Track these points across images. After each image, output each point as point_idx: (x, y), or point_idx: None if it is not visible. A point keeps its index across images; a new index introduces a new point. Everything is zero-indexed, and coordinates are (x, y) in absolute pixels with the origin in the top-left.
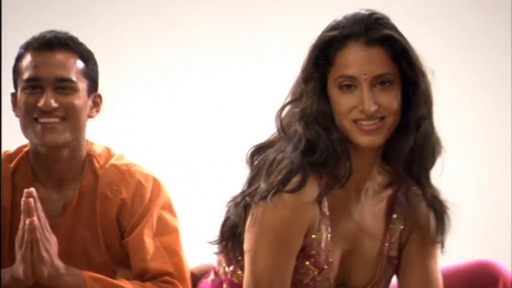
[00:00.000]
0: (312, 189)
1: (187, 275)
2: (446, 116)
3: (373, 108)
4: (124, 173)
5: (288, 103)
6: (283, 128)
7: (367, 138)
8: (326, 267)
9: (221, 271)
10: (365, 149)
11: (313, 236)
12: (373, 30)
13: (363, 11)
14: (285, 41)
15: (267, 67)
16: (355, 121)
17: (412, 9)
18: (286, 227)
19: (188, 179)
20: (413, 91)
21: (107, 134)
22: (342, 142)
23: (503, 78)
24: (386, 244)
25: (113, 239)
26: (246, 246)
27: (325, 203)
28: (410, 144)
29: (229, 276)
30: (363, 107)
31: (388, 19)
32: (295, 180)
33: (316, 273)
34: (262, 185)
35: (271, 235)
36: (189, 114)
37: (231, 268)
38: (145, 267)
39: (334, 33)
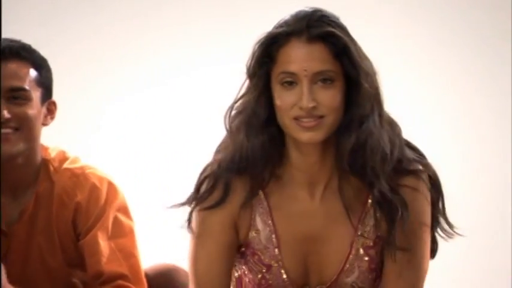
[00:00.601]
0: (235, 195)
1: (143, 278)
2: (445, 116)
3: (310, 104)
4: (78, 176)
5: (236, 101)
6: (231, 128)
7: (307, 135)
8: (276, 264)
9: None
10: (307, 146)
11: (251, 234)
12: (315, 27)
13: (307, 8)
14: None
15: None
16: (295, 118)
17: (410, 10)
18: (204, 231)
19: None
20: (356, 89)
21: (103, 133)
22: (271, 144)
23: (500, 78)
24: (359, 233)
25: (68, 242)
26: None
27: (264, 202)
28: (352, 142)
29: None
30: (301, 104)
31: (333, 17)
32: (214, 195)
33: (264, 270)
34: (190, 193)
35: (194, 239)
36: (187, 114)
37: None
38: (100, 269)
39: (279, 30)
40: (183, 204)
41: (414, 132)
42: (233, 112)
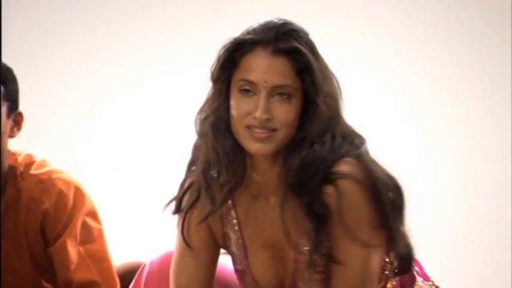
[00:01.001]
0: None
1: (116, 281)
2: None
3: (265, 116)
4: (45, 182)
5: (203, 107)
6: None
7: (257, 145)
8: (247, 270)
9: None
10: (258, 156)
11: (226, 241)
12: (282, 40)
13: (277, 20)
14: None
15: None
16: (248, 127)
17: (405, 9)
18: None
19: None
20: (312, 108)
21: (102, 133)
22: (237, 149)
23: (498, 78)
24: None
25: (37, 249)
26: None
27: (231, 210)
28: (298, 161)
29: None
30: (256, 114)
31: (302, 32)
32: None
33: (238, 275)
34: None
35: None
36: (188, 113)
37: None
38: (70, 277)
39: (246, 37)
40: (174, 213)
41: (412, 132)
42: (201, 117)
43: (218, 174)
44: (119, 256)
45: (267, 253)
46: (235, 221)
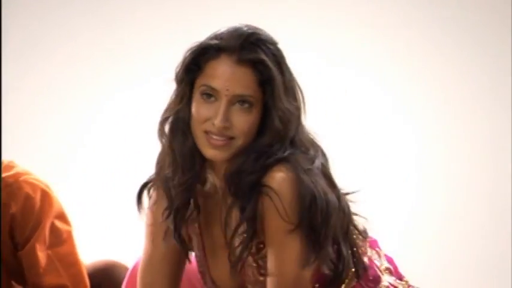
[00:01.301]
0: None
1: (86, 285)
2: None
3: (223, 124)
4: (11, 186)
5: (166, 108)
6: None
7: (213, 152)
8: (206, 272)
9: None
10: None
11: (191, 241)
12: (247, 50)
13: (246, 28)
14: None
15: None
16: (206, 132)
17: (401, 11)
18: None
19: None
20: (269, 119)
21: (101, 133)
22: (191, 152)
23: (498, 79)
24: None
25: (7, 254)
26: None
27: (194, 213)
28: (236, 165)
29: None
30: (215, 121)
31: (270, 42)
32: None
33: (199, 276)
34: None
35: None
36: None
37: None
38: (39, 282)
39: (212, 42)
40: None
41: (409, 131)
42: (162, 118)
43: (173, 174)
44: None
45: (225, 255)
46: (196, 224)
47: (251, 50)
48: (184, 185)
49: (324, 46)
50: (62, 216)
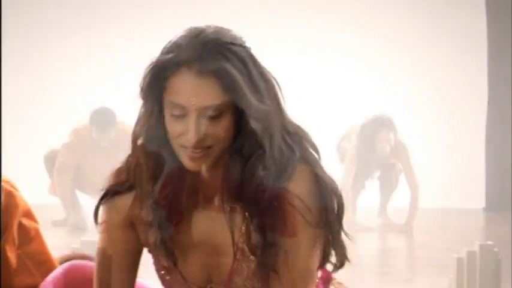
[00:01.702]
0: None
1: None
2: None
3: (195, 139)
4: None
5: (136, 123)
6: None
7: (193, 164)
8: (169, 266)
9: None
10: None
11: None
12: (207, 59)
13: (205, 33)
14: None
15: None
16: (183, 146)
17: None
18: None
19: None
20: (246, 121)
21: None
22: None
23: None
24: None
25: None
26: None
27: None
28: (237, 177)
29: None
30: (187, 137)
31: (231, 43)
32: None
33: (162, 272)
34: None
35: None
36: None
37: None
38: (11, 283)
39: (169, 56)
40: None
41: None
42: (133, 136)
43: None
44: None
45: (199, 254)
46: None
47: (211, 58)
48: (167, 198)
49: (324, 46)
50: (28, 214)
